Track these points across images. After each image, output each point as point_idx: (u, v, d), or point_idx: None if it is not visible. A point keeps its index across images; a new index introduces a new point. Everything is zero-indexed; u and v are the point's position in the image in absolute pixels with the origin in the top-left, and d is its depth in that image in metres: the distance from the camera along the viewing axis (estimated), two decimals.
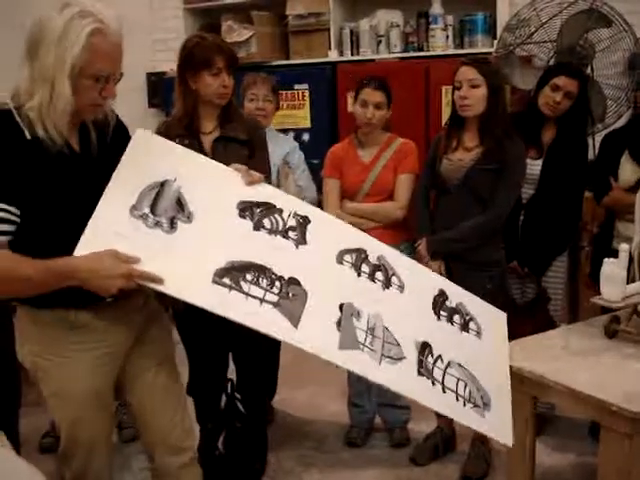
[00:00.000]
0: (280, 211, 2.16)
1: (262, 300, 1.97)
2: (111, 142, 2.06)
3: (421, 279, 2.35)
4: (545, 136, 3.35)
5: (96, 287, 1.84)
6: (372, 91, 3.23)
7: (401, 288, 2.23)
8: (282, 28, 5.02)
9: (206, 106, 2.83)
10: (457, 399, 2.11)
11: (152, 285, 1.89)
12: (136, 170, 2.02)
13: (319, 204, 3.46)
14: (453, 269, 3.07)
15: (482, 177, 2.97)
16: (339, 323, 2.04)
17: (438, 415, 3.39)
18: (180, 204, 2.03)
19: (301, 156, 3.68)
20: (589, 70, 3.86)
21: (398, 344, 2.09)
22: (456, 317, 2.30)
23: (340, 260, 2.18)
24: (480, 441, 3.27)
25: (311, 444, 3.57)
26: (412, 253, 3.16)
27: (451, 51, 4.58)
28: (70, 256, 1.84)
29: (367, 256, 2.24)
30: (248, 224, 2.10)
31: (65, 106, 1.83)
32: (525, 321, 3.08)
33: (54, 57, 1.79)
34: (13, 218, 1.85)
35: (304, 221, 2.18)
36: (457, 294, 2.37)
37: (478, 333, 2.32)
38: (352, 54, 4.86)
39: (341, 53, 4.89)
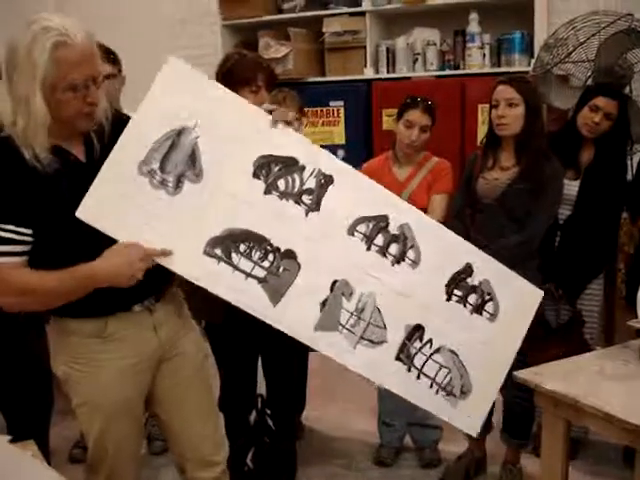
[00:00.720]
0: (302, 169, 2.06)
1: (248, 274, 1.97)
2: (110, 143, 2.00)
3: (448, 252, 2.24)
4: (583, 157, 3.32)
5: (122, 278, 1.90)
6: (420, 114, 3.20)
7: (415, 264, 2.16)
8: (319, 45, 5.04)
9: None
10: (431, 386, 2.16)
11: (159, 260, 1.93)
12: (156, 113, 1.95)
13: None
14: None
15: (518, 197, 2.94)
16: (324, 303, 2.03)
17: (469, 436, 3.36)
18: (193, 158, 1.96)
19: None
20: (628, 90, 3.82)
21: (384, 327, 2.10)
22: (472, 297, 2.24)
23: (352, 231, 2.10)
24: (511, 463, 3.24)
25: (340, 462, 3.55)
26: None
27: (488, 70, 4.57)
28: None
29: (387, 224, 2.14)
30: (260, 186, 2.01)
31: (43, 123, 1.82)
32: (559, 344, 3.04)
33: (24, 77, 1.80)
34: (25, 238, 1.88)
35: (326, 182, 2.08)
36: (486, 269, 2.28)
37: (492, 316, 2.26)
38: (388, 72, 4.86)
39: (377, 70, 4.89)
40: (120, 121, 2.02)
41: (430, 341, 2.16)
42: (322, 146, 4.33)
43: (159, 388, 2.21)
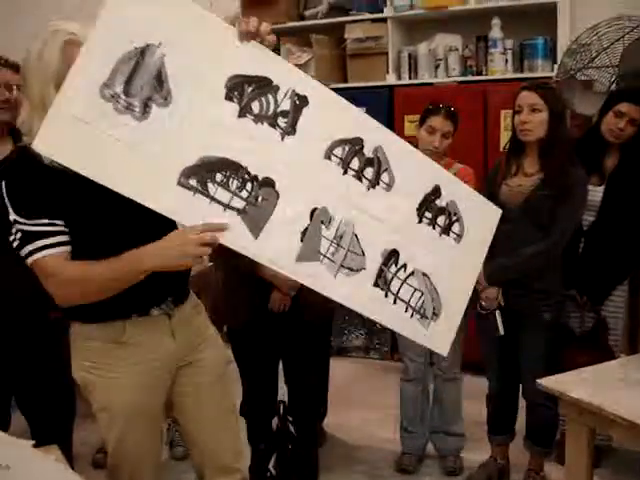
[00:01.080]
0: (276, 89, 1.91)
1: (227, 206, 1.84)
2: None
3: (419, 175, 2.20)
4: (607, 163, 3.29)
5: (174, 260, 1.84)
6: (443, 120, 3.20)
7: (388, 187, 2.10)
8: (340, 51, 5.05)
9: None
10: (406, 310, 2.17)
11: (217, 235, 1.82)
12: (116, 30, 1.73)
13: None
14: (510, 296, 3.03)
15: (542, 203, 2.92)
16: (304, 232, 1.96)
17: (492, 444, 3.34)
18: (159, 80, 1.76)
19: None
20: None
21: (363, 254, 2.06)
22: (440, 219, 2.22)
23: (328, 154, 2.00)
24: (535, 471, 3.21)
25: (362, 469, 3.54)
26: None
27: (510, 75, 4.54)
28: None
29: (362, 147, 2.05)
30: (234, 108, 1.86)
31: None
32: (583, 351, 3.01)
33: (37, 78, 1.84)
34: (60, 229, 1.88)
35: (300, 103, 1.94)
36: (453, 191, 2.26)
37: (459, 237, 2.27)
38: (410, 77, 4.85)
39: (399, 76, 4.89)
40: None
41: (405, 265, 2.14)
42: None
43: (178, 394, 2.20)
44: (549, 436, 3.21)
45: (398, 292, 2.14)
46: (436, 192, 2.21)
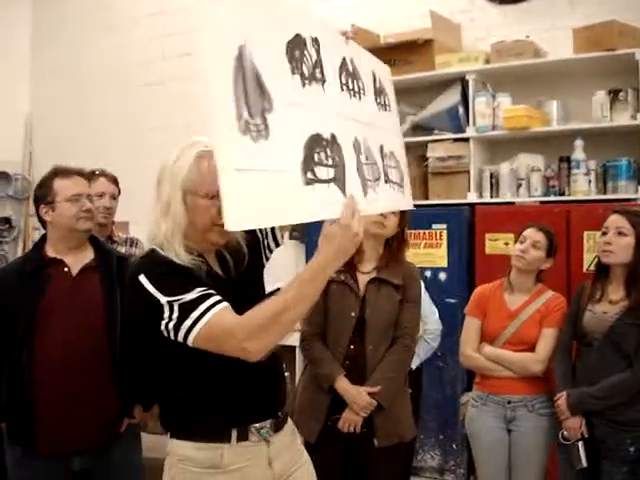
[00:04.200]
0: (304, 43, 1.79)
1: (329, 180, 1.76)
2: (248, 264, 2.14)
3: (369, 65, 2.28)
4: None
5: (351, 250, 1.81)
6: (534, 230, 3.25)
7: (363, 92, 2.15)
8: (423, 169, 5.12)
9: (368, 240, 2.92)
10: (395, 189, 2.31)
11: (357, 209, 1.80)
12: (221, 53, 1.51)
13: (442, 335, 3.61)
14: (594, 427, 2.93)
15: (628, 332, 2.86)
16: (358, 168, 1.96)
17: None
18: (259, 82, 1.57)
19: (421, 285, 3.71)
20: None
21: (375, 162, 2.15)
22: (381, 98, 2.34)
23: (341, 85, 1.98)
24: None
25: None
26: (549, 407, 3.06)
27: (593, 196, 4.51)
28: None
29: (347, 65, 2.05)
30: (297, 80, 1.74)
31: (180, 223, 1.96)
32: None
33: (168, 183, 1.97)
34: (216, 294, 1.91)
35: (318, 46, 1.85)
36: (376, 69, 2.34)
37: (389, 106, 2.42)
38: (491, 196, 4.87)
39: (480, 195, 4.91)
40: (254, 245, 2.18)
41: (390, 154, 2.31)
42: (423, 268, 4.36)
43: None
44: None
45: (392, 178, 2.29)
46: (375, 78, 2.31)
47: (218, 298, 1.89)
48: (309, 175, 1.69)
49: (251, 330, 1.81)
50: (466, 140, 4.91)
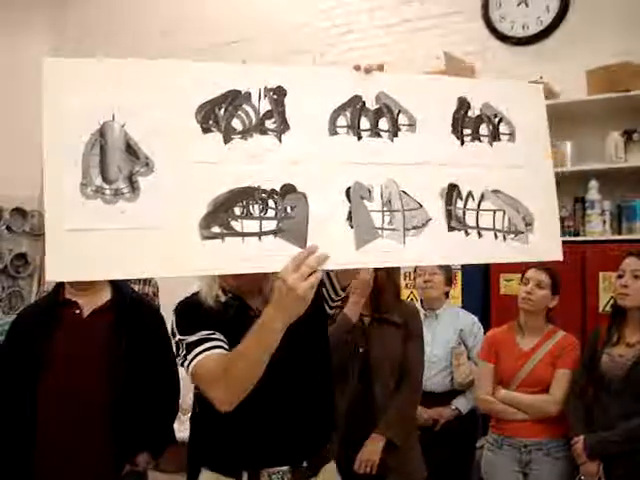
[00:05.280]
0: (248, 96, 1.79)
1: (260, 234, 1.72)
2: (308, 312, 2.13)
3: (435, 96, 1.99)
4: None
5: (294, 307, 1.73)
6: (535, 270, 3.25)
7: (412, 127, 1.93)
8: None
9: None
10: (496, 236, 1.98)
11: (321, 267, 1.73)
12: (64, 124, 1.65)
13: None
14: (613, 471, 2.89)
15: None
16: (350, 217, 1.81)
17: None
18: (131, 150, 1.67)
19: (480, 330, 3.74)
20: None
21: (420, 205, 1.90)
22: (482, 128, 2.02)
23: (333, 129, 1.86)
24: None
25: None
26: (565, 450, 3.03)
27: (608, 237, 4.50)
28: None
29: (364, 103, 1.90)
30: (217, 137, 1.75)
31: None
32: None
33: None
34: (220, 339, 1.96)
35: (279, 95, 1.82)
36: (480, 93, 2.04)
37: (511, 135, 2.04)
38: None
39: None
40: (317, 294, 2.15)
41: (470, 194, 1.96)
42: None
43: None
44: None
45: (478, 223, 1.97)
46: (463, 105, 2.02)
47: (214, 344, 1.93)
48: (214, 229, 1.70)
49: (208, 381, 1.91)
50: None
